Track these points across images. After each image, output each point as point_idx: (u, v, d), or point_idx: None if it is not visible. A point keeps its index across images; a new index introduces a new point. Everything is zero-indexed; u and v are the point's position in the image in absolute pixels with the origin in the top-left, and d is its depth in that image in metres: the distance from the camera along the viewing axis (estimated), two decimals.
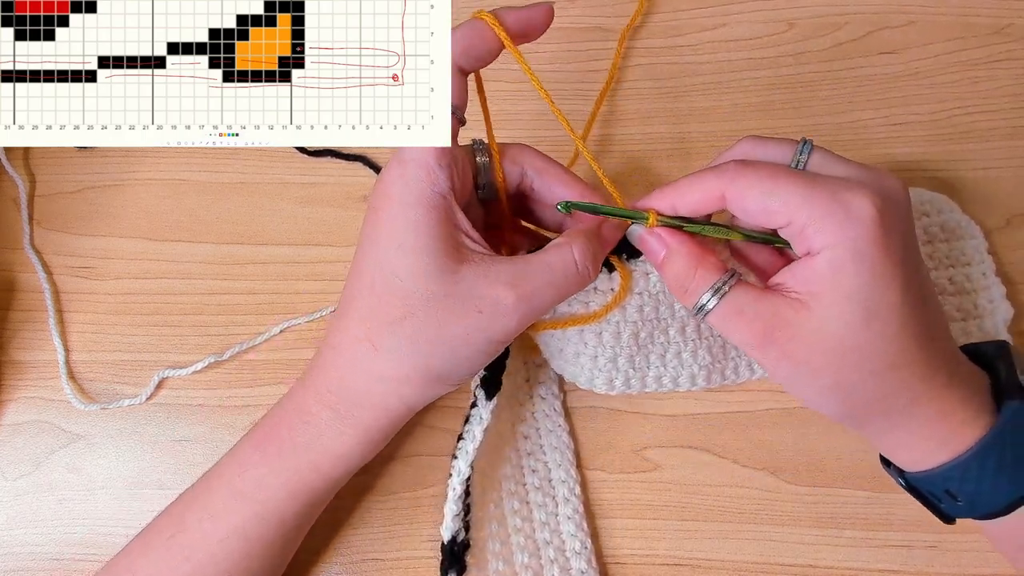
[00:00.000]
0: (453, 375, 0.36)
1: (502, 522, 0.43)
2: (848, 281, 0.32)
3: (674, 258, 0.36)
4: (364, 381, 0.36)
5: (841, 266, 0.32)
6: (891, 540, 0.43)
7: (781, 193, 0.33)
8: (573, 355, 0.41)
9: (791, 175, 0.33)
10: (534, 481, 0.45)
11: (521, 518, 0.44)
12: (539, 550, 0.43)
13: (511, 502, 0.44)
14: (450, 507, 0.40)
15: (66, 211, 0.52)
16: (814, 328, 0.33)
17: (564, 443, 0.45)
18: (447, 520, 0.41)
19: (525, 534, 0.43)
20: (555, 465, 0.45)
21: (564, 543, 0.43)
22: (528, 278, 0.35)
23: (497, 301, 0.34)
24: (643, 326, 0.40)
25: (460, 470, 0.40)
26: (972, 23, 0.51)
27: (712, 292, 0.35)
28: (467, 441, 0.41)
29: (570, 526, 0.44)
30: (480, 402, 0.41)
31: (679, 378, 0.42)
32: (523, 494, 0.44)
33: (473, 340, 0.35)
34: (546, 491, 0.45)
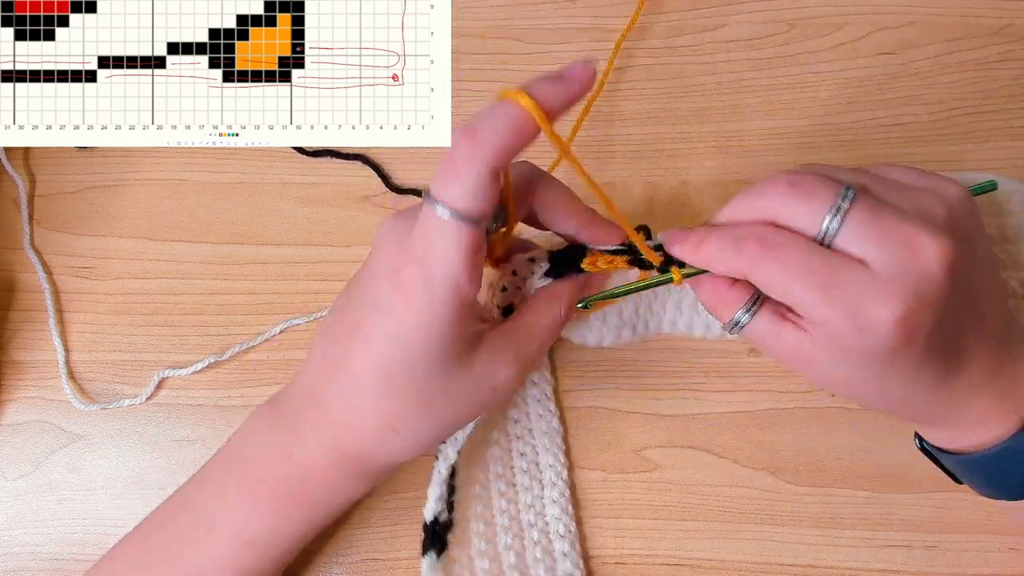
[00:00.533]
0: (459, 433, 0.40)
1: (487, 503, 0.44)
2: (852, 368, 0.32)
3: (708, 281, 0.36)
4: (383, 456, 0.36)
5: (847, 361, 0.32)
6: (891, 540, 0.43)
7: (796, 296, 0.31)
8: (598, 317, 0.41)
9: (808, 276, 0.31)
10: (522, 464, 0.45)
11: (507, 500, 0.44)
12: (523, 531, 0.43)
13: (497, 484, 0.44)
14: (433, 489, 0.41)
15: (66, 211, 0.52)
16: (833, 367, 0.33)
17: (554, 428, 0.45)
18: (430, 501, 0.41)
19: (510, 515, 0.43)
20: (543, 449, 0.45)
21: (548, 525, 0.44)
22: (527, 346, 0.36)
23: (507, 377, 0.35)
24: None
25: (448, 455, 0.41)
26: (972, 23, 0.51)
27: (745, 311, 0.34)
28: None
29: (555, 509, 0.44)
30: None
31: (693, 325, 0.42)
32: (510, 476, 0.44)
33: (480, 410, 0.37)
34: (533, 474, 0.45)
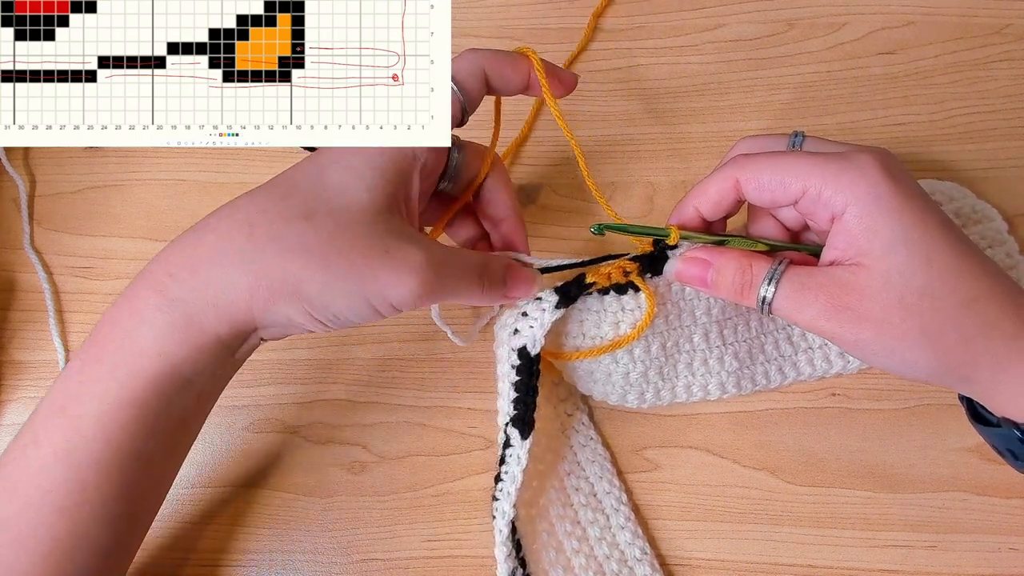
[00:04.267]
0: (319, 305, 0.32)
1: (559, 548, 0.43)
2: (886, 229, 0.32)
3: (723, 270, 0.37)
4: (214, 263, 0.31)
5: (871, 217, 0.32)
6: (891, 540, 0.43)
7: (790, 165, 0.34)
8: (604, 375, 0.41)
9: (795, 151, 0.36)
10: (580, 499, 0.44)
11: (576, 539, 0.43)
12: (602, 566, 0.42)
13: (562, 525, 0.43)
14: (499, 549, 0.40)
15: (66, 211, 0.52)
16: (879, 283, 0.32)
17: (600, 455, 0.45)
18: (500, 563, 0.40)
19: (584, 554, 0.43)
20: (596, 479, 0.44)
21: (624, 553, 0.43)
22: (444, 256, 0.34)
23: (408, 254, 0.32)
24: (669, 335, 0.41)
25: (504, 511, 0.40)
26: (971, 23, 0.51)
27: (768, 281, 0.35)
28: (507, 483, 0.40)
29: (626, 535, 0.43)
30: (515, 442, 0.40)
31: (708, 385, 0.42)
32: (572, 515, 0.44)
33: (363, 278, 0.31)
34: (594, 506, 0.44)
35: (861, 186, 0.33)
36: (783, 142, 0.38)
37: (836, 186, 0.33)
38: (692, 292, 0.41)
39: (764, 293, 0.35)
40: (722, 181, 0.36)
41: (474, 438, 0.46)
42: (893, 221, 0.32)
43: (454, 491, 0.45)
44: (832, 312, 0.33)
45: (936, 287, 0.32)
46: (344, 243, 0.31)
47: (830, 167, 0.33)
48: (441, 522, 0.45)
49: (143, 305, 0.32)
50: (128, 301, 0.32)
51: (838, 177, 0.33)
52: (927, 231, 0.33)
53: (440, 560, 0.44)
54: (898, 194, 0.33)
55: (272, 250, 0.31)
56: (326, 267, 0.31)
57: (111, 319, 0.33)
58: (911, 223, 0.32)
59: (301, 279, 0.31)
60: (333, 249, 0.31)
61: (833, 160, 0.34)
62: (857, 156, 0.34)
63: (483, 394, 0.47)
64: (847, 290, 0.33)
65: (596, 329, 0.40)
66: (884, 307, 0.32)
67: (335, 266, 0.31)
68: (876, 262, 0.33)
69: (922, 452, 0.44)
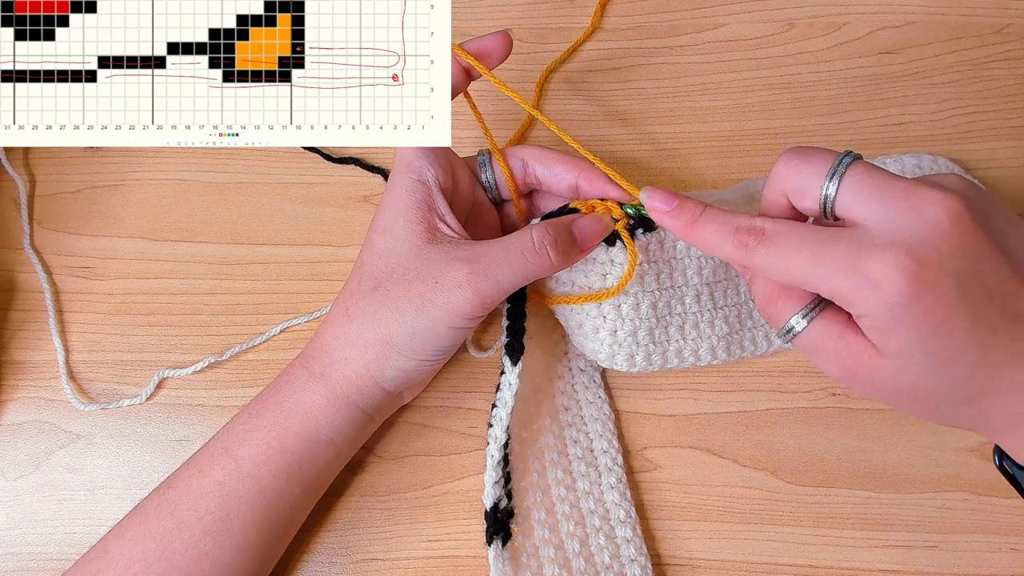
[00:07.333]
0: (412, 346, 0.38)
1: (546, 491, 0.43)
2: (901, 337, 0.31)
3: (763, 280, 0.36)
4: (336, 346, 0.40)
5: (886, 330, 0.32)
6: (891, 540, 0.43)
7: (796, 275, 0.33)
8: (592, 330, 0.41)
9: (804, 248, 0.33)
10: (576, 452, 0.45)
11: (565, 487, 0.44)
12: (584, 518, 0.43)
13: (554, 472, 0.44)
14: (489, 474, 0.41)
15: (66, 211, 0.52)
16: (890, 375, 0.33)
17: (605, 414, 0.45)
18: (488, 487, 0.41)
19: (570, 503, 0.43)
20: (596, 436, 0.45)
21: (608, 512, 0.43)
22: (485, 256, 0.37)
23: (453, 275, 0.37)
24: (660, 295, 0.41)
25: (496, 436, 0.41)
26: (972, 23, 0.51)
27: (801, 316, 0.35)
28: (500, 408, 0.41)
29: (614, 495, 0.44)
30: (507, 368, 0.41)
31: (699, 350, 0.42)
32: (566, 464, 0.44)
33: (428, 311, 0.37)
34: (589, 461, 0.45)
35: (873, 303, 0.31)
36: (828, 161, 0.33)
37: (847, 301, 0.32)
38: (683, 251, 0.41)
39: (793, 324, 0.35)
40: (722, 257, 0.36)
41: (474, 438, 0.46)
42: (910, 332, 0.31)
43: (454, 491, 0.45)
44: (842, 375, 0.35)
45: (946, 388, 0.33)
46: (403, 292, 0.38)
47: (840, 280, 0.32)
48: (441, 522, 0.45)
49: (295, 377, 0.40)
50: (286, 374, 0.41)
51: (849, 294, 0.32)
52: (950, 338, 0.31)
53: (440, 560, 0.44)
54: (918, 305, 0.31)
55: (364, 323, 0.39)
56: (401, 318, 0.38)
57: (273, 387, 0.41)
58: (932, 332, 0.31)
59: (390, 335, 0.38)
60: (400, 301, 0.38)
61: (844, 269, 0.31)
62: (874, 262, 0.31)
63: (484, 394, 0.47)
64: (861, 367, 0.33)
65: (584, 279, 0.40)
66: (891, 392, 0.34)
67: (406, 313, 0.38)
68: (891, 359, 0.32)
69: (923, 452, 0.44)
